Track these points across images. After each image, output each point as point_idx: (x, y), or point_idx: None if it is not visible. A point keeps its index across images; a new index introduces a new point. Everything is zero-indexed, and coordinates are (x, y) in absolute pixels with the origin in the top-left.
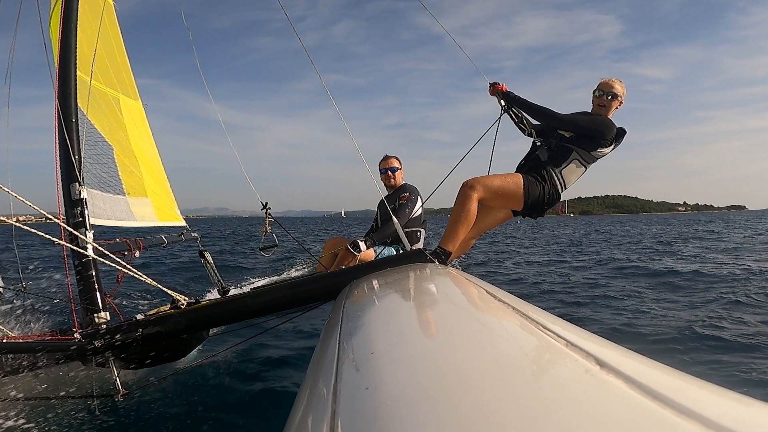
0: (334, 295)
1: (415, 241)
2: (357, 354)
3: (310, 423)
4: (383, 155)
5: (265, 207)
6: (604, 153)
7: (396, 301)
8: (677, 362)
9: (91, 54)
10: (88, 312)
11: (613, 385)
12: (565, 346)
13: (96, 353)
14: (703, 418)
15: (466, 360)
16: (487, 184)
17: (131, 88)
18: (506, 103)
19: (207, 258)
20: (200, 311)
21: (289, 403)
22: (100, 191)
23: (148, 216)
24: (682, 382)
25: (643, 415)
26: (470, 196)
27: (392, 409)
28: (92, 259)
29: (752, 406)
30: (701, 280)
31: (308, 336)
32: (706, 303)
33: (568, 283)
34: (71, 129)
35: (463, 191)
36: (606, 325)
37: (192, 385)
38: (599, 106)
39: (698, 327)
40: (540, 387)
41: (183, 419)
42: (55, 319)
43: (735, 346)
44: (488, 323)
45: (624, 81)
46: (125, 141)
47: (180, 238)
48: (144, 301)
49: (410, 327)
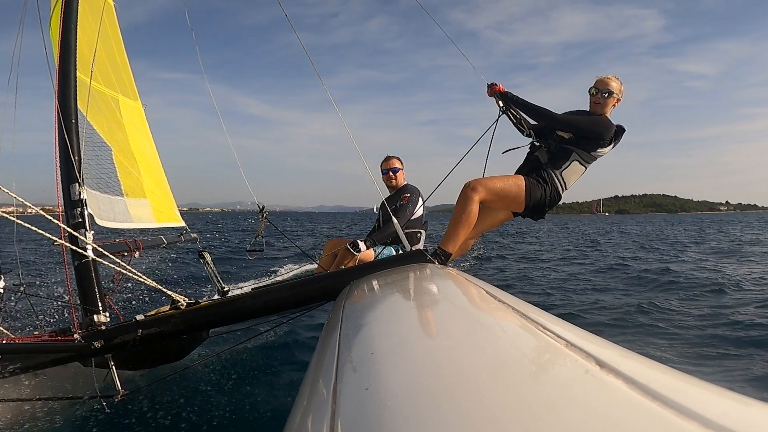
0: (334, 295)
1: (415, 242)
2: (357, 354)
3: (310, 423)
4: (385, 156)
5: (262, 210)
6: (603, 152)
7: (396, 301)
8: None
9: (91, 55)
10: (87, 313)
11: (612, 386)
12: (565, 347)
13: (96, 354)
14: (702, 418)
15: (466, 360)
16: (489, 185)
17: (131, 89)
18: (504, 104)
19: (206, 258)
20: (200, 312)
21: (289, 403)
22: (99, 192)
23: (146, 217)
24: (682, 382)
25: (642, 415)
26: (472, 198)
27: (392, 410)
28: (92, 259)
29: (752, 406)
30: (646, 277)
31: (308, 336)
32: (630, 293)
33: (543, 277)
34: (71, 130)
35: (464, 193)
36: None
37: (192, 385)
38: (595, 104)
39: (620, 311)
40: (540, 387)
41: (183, 420)
42: (55, 319)
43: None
44: (488, 324)
45: (666, 77)
46: (124, 142)
47: (180, 239)
48: (143, 301)
49: (410, 327)
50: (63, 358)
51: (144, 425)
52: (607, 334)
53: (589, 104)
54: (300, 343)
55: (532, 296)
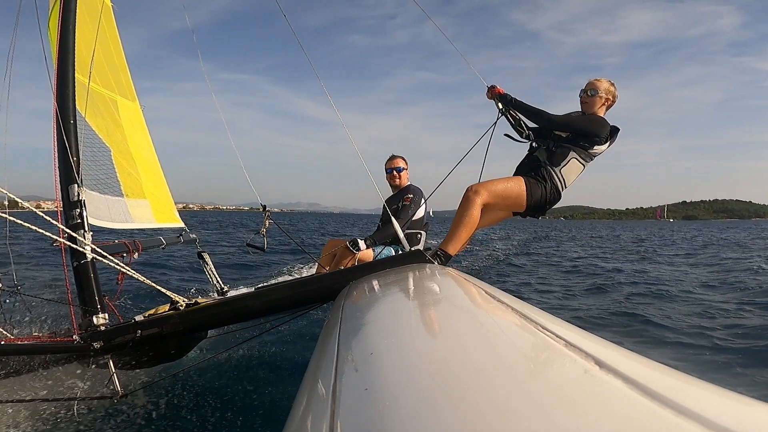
0: (333, 295)
1: (415, 243)
2: (356, 355)
3: (310, 424)
4: (390, 155)
5: (265, 209)
6: (600, 150)
7: (395, 301)
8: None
9: (89, 56)
10: (86, 313)
11: (612, 385)
12: (565, 347)
13: (95, 354)
14: (702, 418)
15: (465, 360)
16: (491, 188)
17: (129, 90)
18: (503, 106)
19: (206, 259)
20: (199, 312)
21: (288, 403)
22: (98, 193)
23: (146, 217)
24: (682, 382)
25: (642, 415)
26: (474, 202)
27: (392, 410)
28: (91, 260)
29: (752, 406)
30: (621, 278)
31: (307, 337)
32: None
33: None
34: (69, 130)
35: (467, 196)
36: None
37: (191, 385)
38: (583, 104)
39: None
40: (539, 387)
41: (182, 420)
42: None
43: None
44: (488, 324)
45: (743, 77)
46: (123, 143)
47: (179, 240)
48: (143, 302)
49: (410, 328)
50: (62, 359)
51: (143, 426)
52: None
53: (580, 105)
54: (299, 343)
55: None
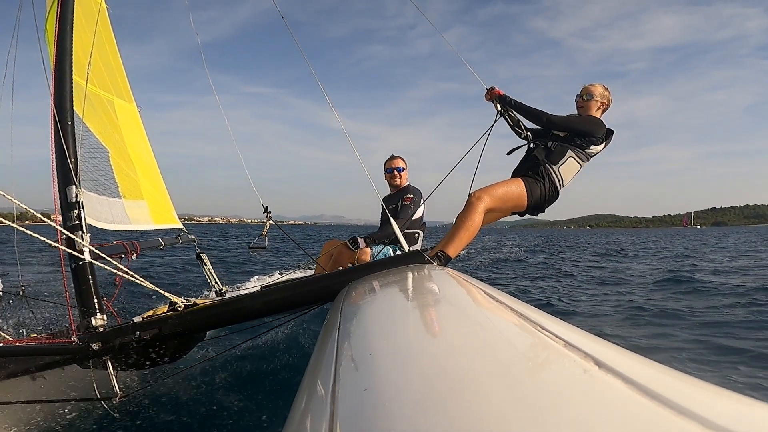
0: (332, 296)
1: (413, 243)
2: (355, 355)
3: (309, 424)
4: (390, 155)
5: (266, 211)
6: (596, 150)
7: (394, 302)
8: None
9: (86, 58)
10: (85, 315)
11: (611, 385)
12: (564, 347)
13: (94, 356)
14: (701, 418)
15: (464, 361)
16: (493, 193)
17: (125, 91)
18: (502, 107)
19: (204, 260)
20: (198, 313)
21: (287, 404)
22: (96, 194)
23: (144, 219)
24: (681, 382)
25: (641, 415)
26: (478, 207)
27: (391, 410)
28: (89, 262)
29: (751, 406)
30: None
31: (307, 337)
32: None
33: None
34: (67, 132)
35: (470, 202)
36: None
37: (190, 386)
38: (579, 107)
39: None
40: (538, 387)
41: (181, 421)
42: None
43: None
44: (487, 324)
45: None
46: (121, 144)
47: (177, 241)
48: (141, 303)
49: (409, 328)
50: (61, 361)
51: (143, 426)
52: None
53: (576, 109)
54: (298, 343)
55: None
